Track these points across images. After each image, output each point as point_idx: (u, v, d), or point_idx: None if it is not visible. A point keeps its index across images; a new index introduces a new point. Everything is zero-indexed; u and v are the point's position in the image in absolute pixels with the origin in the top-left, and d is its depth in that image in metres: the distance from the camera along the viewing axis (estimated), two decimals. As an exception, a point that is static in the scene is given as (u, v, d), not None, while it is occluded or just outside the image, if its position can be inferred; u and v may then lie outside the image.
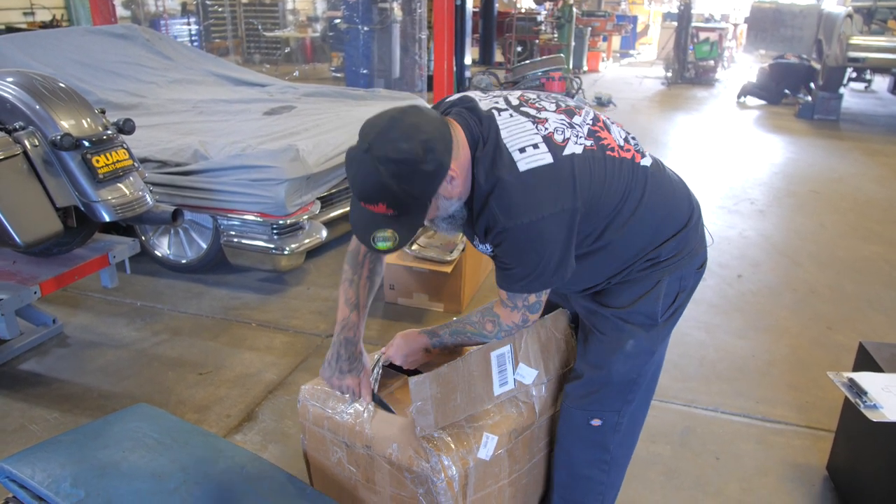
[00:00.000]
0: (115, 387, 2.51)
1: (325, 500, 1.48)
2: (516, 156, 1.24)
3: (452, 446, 1.35)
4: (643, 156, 1.41)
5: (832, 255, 3.82)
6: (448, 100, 1.38)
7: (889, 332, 2.94)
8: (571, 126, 1.31)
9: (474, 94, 1.35)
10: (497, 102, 1.33)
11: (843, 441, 2.00)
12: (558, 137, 1.28)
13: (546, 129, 1.29)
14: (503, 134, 1.26)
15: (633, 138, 1.43)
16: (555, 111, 1.34)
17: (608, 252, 1.38)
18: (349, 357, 1.45)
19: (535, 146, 1.25)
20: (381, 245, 1.22)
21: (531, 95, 1.38)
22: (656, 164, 1.44)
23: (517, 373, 1.45)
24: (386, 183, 1.14)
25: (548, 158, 1.25)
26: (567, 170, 1.26)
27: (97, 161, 2.27)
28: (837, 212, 4.60)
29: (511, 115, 1.30)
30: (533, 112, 1.32)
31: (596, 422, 1.48)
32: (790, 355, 2.76)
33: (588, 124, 1.35)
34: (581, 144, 1.30)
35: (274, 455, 2.13)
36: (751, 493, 1.99)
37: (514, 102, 1.34)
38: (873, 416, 1.56)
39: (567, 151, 1.27)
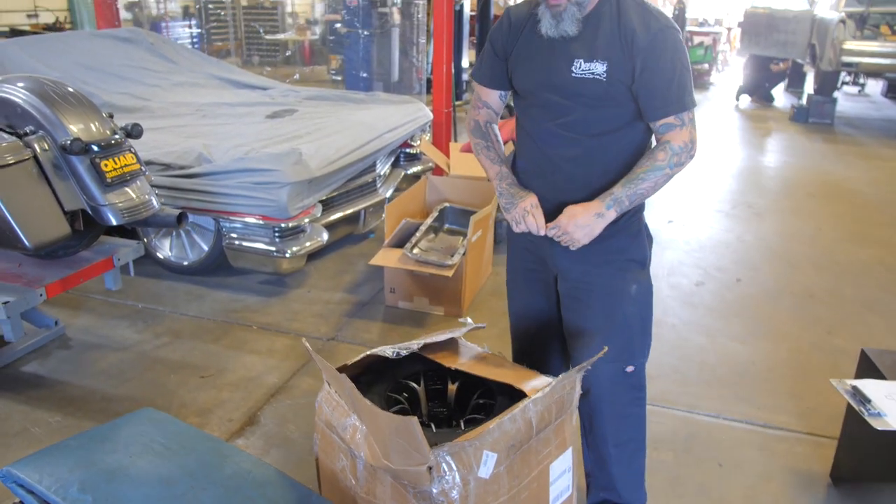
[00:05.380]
0: (118, 389, 2.51)
1: (331, 506, 1.49)
2: None
3: (454, 466, 1.35)
4: None
5: (830, 259, 3.84)
6: None
7: (888, 336, 2.96)
8: None
9: None
10: None
11: (846, 448, 2.01)
12: None
13: None
14: None
15: None
16: None
17: (628, 151, 1.52)
18: (519, 190, 1.57)
19: None
20: None
21: None
22: None
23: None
24: None
25: None
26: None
27: (105, 165, 2.28)
28: (834, 215, 4.62)
29: None
30: None
31: (630, 368, 1.61)
32: (790, 360, 2.78)
33: None
34: None
35: (276, 459, 2.13)
36: (754, 501, 2.00)
37: None
38: (878, 425, 1.57)
39: None
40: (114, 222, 2.30)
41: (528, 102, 1.56)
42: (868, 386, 1.70)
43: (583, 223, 1.45)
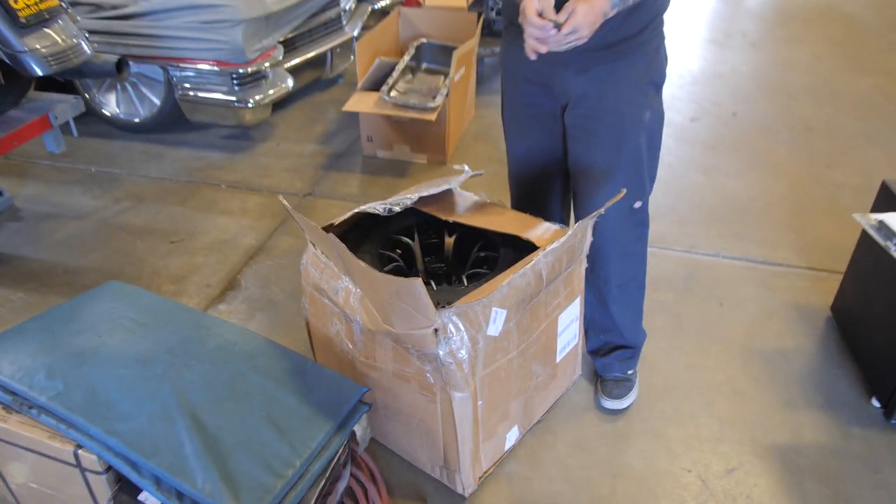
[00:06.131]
0: (81, 260, 2.33)
1: (327, 373, 1.39)
2: None
3: (462, 327, 1.22)
4: None
5: (829, 89, 3.64)
6: None
7: (888, 169, 2.86)
8: None
9: None
10: None
11: (851, 282, 1.96)
12: None
13: None
14: None
15: None
16: None
17: None
18: None
19: None
20: None
21: None
22: None
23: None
24: None
25: None
26: None
27: (15, 1, 1.88)
28: (832, 42, 4.34)
29: None
30: None
31: (637, 204, 1.55)
32: (789, 195, 2.68)
33: None
34: None
35: (262, 323, 2.03)
36: (756, 337, 1.97)
37: None
38: (903, 258, 1.48)
39: None
40: (39, 72, 1.96)
41: None
42: (894, 219, 1.59)
43: (592, 19, 1.22)
